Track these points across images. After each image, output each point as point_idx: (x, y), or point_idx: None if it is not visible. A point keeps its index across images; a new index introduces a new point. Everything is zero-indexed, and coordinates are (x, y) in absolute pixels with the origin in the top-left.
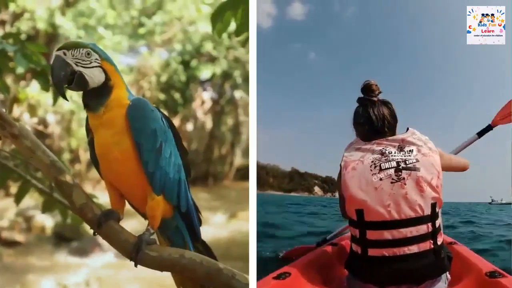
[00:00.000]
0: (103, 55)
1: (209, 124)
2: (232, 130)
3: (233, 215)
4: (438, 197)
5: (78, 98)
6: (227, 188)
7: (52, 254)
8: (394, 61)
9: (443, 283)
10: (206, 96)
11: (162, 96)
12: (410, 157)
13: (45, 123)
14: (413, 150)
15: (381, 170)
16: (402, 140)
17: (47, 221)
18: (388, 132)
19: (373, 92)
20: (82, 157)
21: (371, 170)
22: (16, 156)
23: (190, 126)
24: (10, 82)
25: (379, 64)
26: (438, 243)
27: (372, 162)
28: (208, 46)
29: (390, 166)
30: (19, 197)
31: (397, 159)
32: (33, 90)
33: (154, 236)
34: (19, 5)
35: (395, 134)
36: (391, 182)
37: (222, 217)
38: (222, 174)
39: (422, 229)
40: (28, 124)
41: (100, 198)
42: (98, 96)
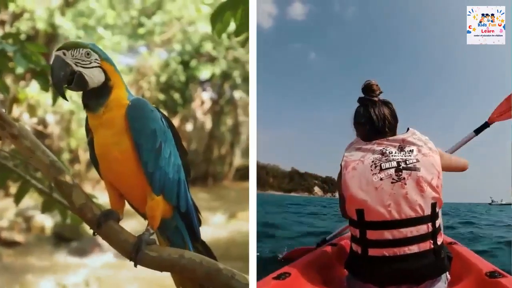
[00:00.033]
0: (103, 55)
1: (208, 124)
2: (231, 130)
3: (232, 215)
4: (438, 197)
5: (77, 98)
6: (227, 188)
7: (51, 254)
8: (395, 61)
9: (443, 283)
10: (206, 96)
11: (161, 96)
12: (410, 157)
13: (44, 123)
14: (413, 150)
15: (381, 170)
16: (403, 140)
17: (47, 221)
18: (388, 132)
19: (374, 92)
20: (81, 157)
21: (372, 170)
22: (15, 156)
23: (189, 126)
24: (10, 82)
25: (379, 64)
26: (438, 243)
27: (372, 162)
28: (207, 46)
29: (391, 166)
30: (19, 197)
31: (397, 159)
32: (32, 90)
33: (153, 236)
34: (19, 5)
35: (396, 134)
36: (392, 182)
37: (222, 217)
38: (221, 174)
39: (422, 229)
40: (27, 124)
41: (99, 198)
42: (98, 96)
